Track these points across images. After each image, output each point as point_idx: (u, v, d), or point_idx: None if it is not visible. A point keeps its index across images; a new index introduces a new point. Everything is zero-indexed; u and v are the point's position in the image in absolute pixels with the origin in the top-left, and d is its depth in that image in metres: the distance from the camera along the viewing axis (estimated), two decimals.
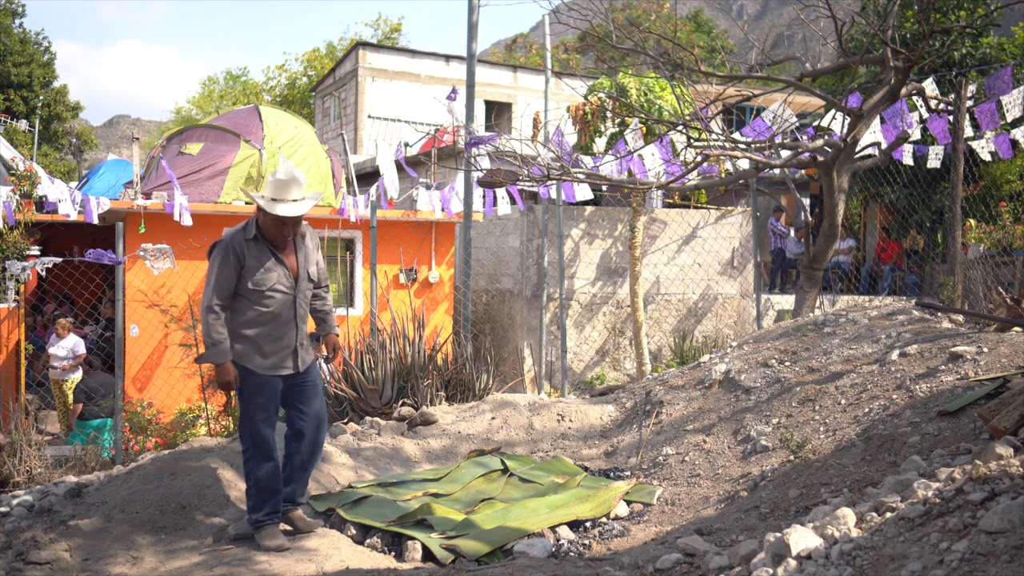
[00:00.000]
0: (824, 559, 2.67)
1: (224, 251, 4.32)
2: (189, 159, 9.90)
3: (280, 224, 4.35)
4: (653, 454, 5.57)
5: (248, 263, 4.33)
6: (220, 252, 4.34)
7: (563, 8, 9.12)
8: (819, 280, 7.97)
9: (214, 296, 4.28)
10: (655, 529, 4.43)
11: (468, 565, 3.97)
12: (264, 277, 4.36)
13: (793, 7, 7.60)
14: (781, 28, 41.54)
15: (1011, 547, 2.28)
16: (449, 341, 9.59)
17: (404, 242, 10.39)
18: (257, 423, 4.39)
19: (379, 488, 5.14)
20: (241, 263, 4.32)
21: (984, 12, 12.01)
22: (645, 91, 10.24)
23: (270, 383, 4.43)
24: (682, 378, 6.69)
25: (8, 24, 30.77)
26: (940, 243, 13.12)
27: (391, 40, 33.21)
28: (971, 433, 3.88)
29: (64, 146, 33.77)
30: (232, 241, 4.34)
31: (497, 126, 21.22)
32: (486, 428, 6.47)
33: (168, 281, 9.04)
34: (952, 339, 5.28)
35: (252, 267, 4.34)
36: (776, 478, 4.37)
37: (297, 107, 31.04)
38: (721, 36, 34.09)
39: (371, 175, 13.76)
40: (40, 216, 9.16)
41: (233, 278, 4.32)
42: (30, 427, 7.11)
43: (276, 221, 4.34)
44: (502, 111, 24.42)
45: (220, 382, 4.35)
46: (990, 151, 8.87)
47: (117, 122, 70.34)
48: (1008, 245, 10.79)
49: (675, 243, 11.98)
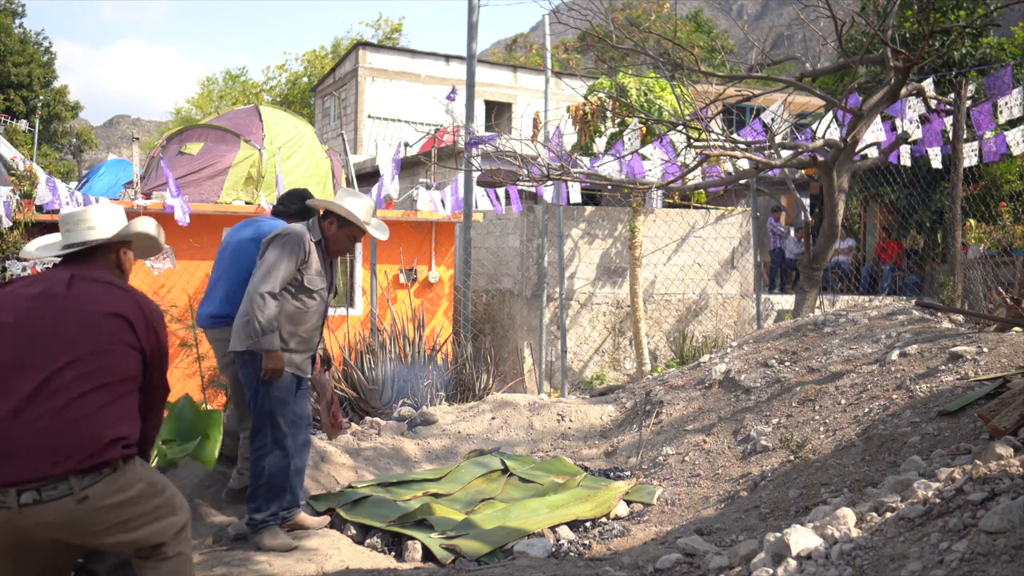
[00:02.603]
0: (824, 559, 2.67)
1: (295, 244, 4.37)
2: (189, 159, 9.90)
3: (352, 240, 4.52)
4: (653, 454, 5.57)
5: (311, 263, 4.44)
6: (289, 243, 4.37)
7: (563, 8, 9.12)
8: (819, 280, 7.97)
9: (273, 283, 4.31)
10: (655, 529, 4.43)
11: (468, 565, 3.97)
12: (316, 279, 4.47)
13: (793, 7, 7.60)
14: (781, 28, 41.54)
15: (1011, 547, 2.28)
16: (449, 341, 9.59)
17: (404, 242, 10.39)
18: (278, 418, 4.40)
19: (379, 488, 5.14)
20: (306, 261, 4.41)
21: (984, 12, 12.01)
22: (645, 91, 10.24)
23: (292, 382, 4.46)
24: (682, 378, 6.69)
25: (8, 24, 30.79)
26: (940, 243, 13.12)
27: (392, 40, 33.21)
28: (971, 433, 3.88)
29: (64, 146, 33.78)
30: (304, 238, 4.42)
31: (497, 126, 21.21)
32: (486, 428, 6.47)
33: (168, 281, 9.04)
34: (952, 339, 5.28)
35: (312, 268, 4.45)
36: (776, 478, 4.37)
37: (297, 107, 31.03)
38: (721, 36, 34.10)
39: (371, 175, 13.76)
40: (40, 216, 9.16)
41: (292, 272, 4.38)
42: None
43: (351, 238, 4.51)
44: (502, 111, 24.41)
45: (271, 369, 4.29)
46: (976, 154, 8.85)
47: (117, 122, 70.32)
48: (1008, 245, 10.79)
49: (675, 243, 11.99)
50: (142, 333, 2.69)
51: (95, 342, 2.59)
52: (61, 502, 2.43)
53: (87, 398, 2.52)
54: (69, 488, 2.44)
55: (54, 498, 2.42)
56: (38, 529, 2.46)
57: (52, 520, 2.44)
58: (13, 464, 2.41)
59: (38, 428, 2.45)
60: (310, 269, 4.43)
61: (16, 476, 2.40)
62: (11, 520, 2.43)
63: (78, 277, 2.71)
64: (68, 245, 2.81)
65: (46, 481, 2.42)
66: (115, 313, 2.65)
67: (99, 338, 2.60)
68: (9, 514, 2.42)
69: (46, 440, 2.44)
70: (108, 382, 2.58)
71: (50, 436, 2.45)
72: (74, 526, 2.49)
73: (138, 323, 2.68)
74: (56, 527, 2.47)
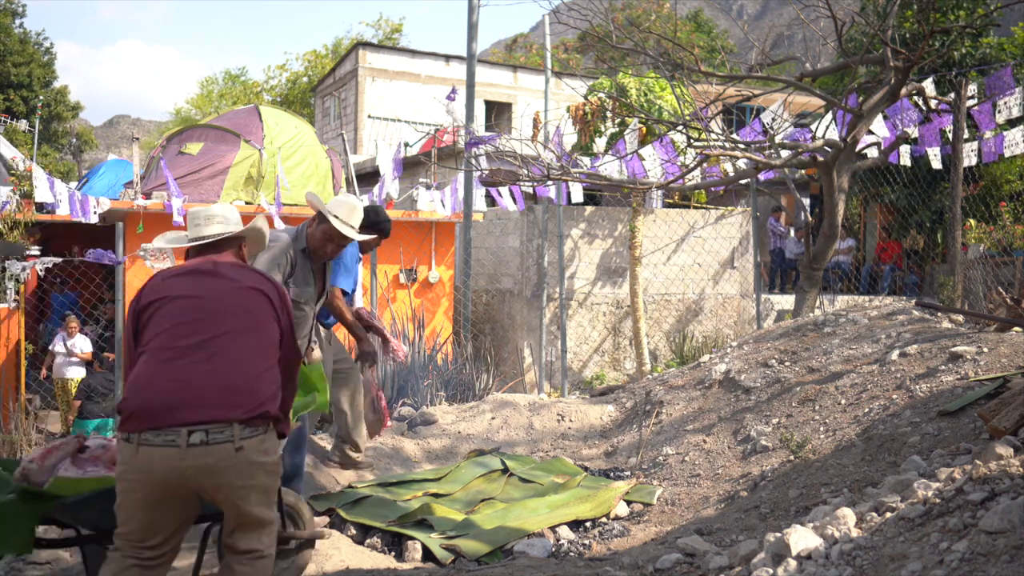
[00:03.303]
0: (824, 559, 2.67)
1: (279, 254, 4.26)
2: (189, 159, 9.90)
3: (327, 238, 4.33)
4: (653, 454, 5.57)
5: (296, 273, 4.34)
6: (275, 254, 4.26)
7: (563, 8, 9.12)
8: (819, 280, 7.97)
9: None
10: (655, 529, 4.43)
11: (468, 565, 3.97)
12: (303, 290, 4.38)
13: (793, 7, 7.60)
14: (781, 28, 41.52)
15: (1011, 547, 2.28)
16: (449, 341, 9.59)
17: (404, 242, 10.38)
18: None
19: (379, 488, 5.14)
20: (293, 270, 4.33)
21: (984, 12, 12.00)
22: (645, 91, 10.24)
23: None
24: (682, 378, 6.69)
25: (8, 24, 30.78)
26: (940, 243, 13.11)
27: (392, 40, 33.20)
28: (971, 433, 3.88)
29: (64, 146, 33.78)
30: (288, 247, 4.31)
31: (497, 126, 21.20)
32: (486, 428, 6.47)
33: None
34: (952, 339, 5.28)
35: (299, 278, 4.35)
36: (776, 478, 4.37)
37: (297, 107, 31.01)
38: (721, 36, 34.08)
39: (371, 175, 13.75)
40: (40, 216, 9.16)
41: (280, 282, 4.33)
42: (30, 427, 7.11)
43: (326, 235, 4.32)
44: (502, 111, 24.40)
45: None
46: (976, 154, 8.86)
47: (117, 122, 70.29)
48: (1008, 245, 10.79)
49: (675, 243, 11.98)
50: (279, 308, 3.02)
51: (252, 313, 2.94)
52: (222, 447, 2.69)
53: (252, 361, 2.85)
54: (232, 435, 2.71)
55: (218, 441, 2.69)
56: (192, 474, 2.68)
57: (211, 463, 2.68)
58: (188, 409, 2.69)
59: (213, 381, 2.75)
60: (297, 281, 4.33)
61: (189, 418, 2.68)
62: (173, 461, 2.66)
63: (220, 262, 3.06)
64: (199, 237, 3.12)
65: (214, 424, 2.69)
66: (260, 290, 3.00)
67: (255, 310, 2.95)
68: (175, 453, 2.65)
69: (218, 391, 2.74)
70: (264, 348, 2.92)
71: (222, 388, 2.75)
72: (224, 474, 2.72)
73: (275, 300, 3.02)
74: (209, 472, 2.69)
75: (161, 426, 2.66)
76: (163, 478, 2.67)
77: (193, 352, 2.79)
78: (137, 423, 2.68)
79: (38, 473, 3.06)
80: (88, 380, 9.16)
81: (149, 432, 2.66)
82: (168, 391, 2.71)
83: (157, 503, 2.72)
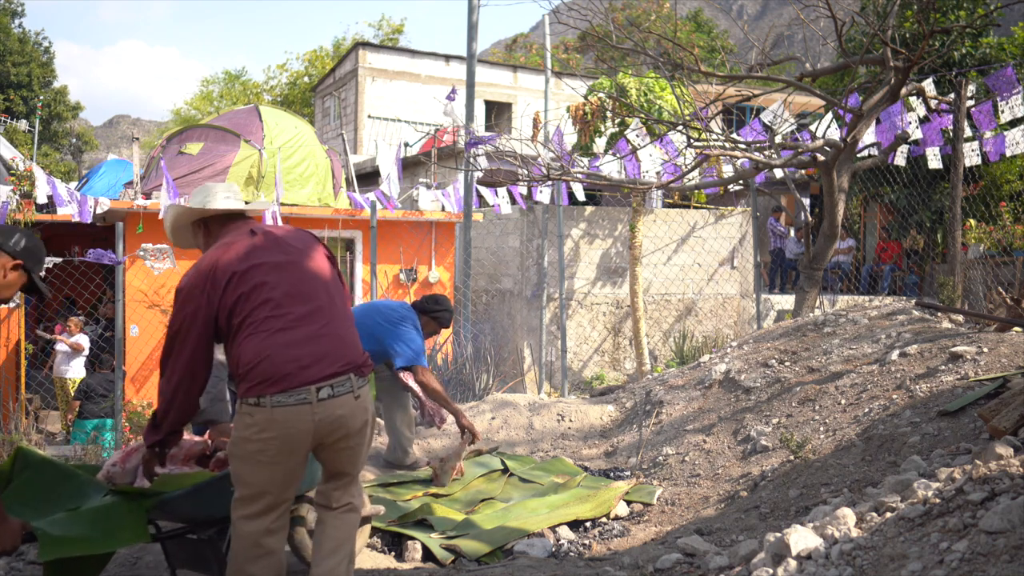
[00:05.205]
0: (824, 559, 2.67)
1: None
2: (189, 159, 9.90)
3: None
4: (653, 454, 5.57)
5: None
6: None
7: (563, 8, 9.13)
8: (819, 280, 7.97)
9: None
10: (655, 529, 4.43)
11: (468, 565, 3.97)
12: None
13: (793, 7, 7.60)
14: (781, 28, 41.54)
15: (1011, 547, 2.27)
16: (449, 341, 9.59)
17: (404, 242, 10.39)
18: None
19: (379, 488, 5.14)
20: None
21: (984, 12, 12.00)
22: (645, 91, 10.24)
23: None
24: (682, 378, 6.69)
25: (8, 24, 30.80)
26: (940, 243, 13.11)
27: (393, 41, 33.20)
28: (971, 433, 3.88)
29: (64, 146, 33.79)
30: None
31: (497, 126, 21.21)
32: (486, 428, 6.46)
33: (168, 281, 9.03)
34: (952, 339, 5.28)
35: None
36: (776, 478, 4.37)
37: (297, 107, 31.01)
38: (721, 36, 34.08)
39: (371, 175, 13.75)
40: (40, 216, 9.16)
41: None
42: (30, 427, 7.11)
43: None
44: (502, 111, 24.41)
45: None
46: (978, 154, 8.85)
47: (117, 122, 70.32)
48: (1008, 245, 10.78)
49: (675, 243, 11.98)
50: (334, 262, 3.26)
51: (331, 273, 3.15)
52: (345, 397, 2.93)
53: (345, 315, 3.10)
54: (351, 385, 2.95)
55: (341, 393, 2.92)
56: (324, 427, 2.89)
57: (339, 414, 2.90)
58: (311, 369, 2.90)
59: (329, 341, 2.97)
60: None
61: (315, 375, 2.89)
62: (306, 417, 2.86)
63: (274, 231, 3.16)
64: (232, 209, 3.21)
65: (336, 378, 2.92)
66: (325, 249, 3.22)
67: (332, 270, 3.17)
68: (307, 410, 2.86)
69: (334, 347, 2.96)
70: (345, 301, 3.17)
71: (336, 345, 2.97)
72: (345, 423, 2.93)
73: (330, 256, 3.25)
74: (338, 423, 2.91)
75: (291, 387, 2.85)
76: (297, 432, 2.85)
77: (309, 318, 2.98)
78: (270, 386, 2.85)
79: (122, 475, 3.26)
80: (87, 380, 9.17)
81: (281, 394, 2.84)
82: (295, 357, 2.89)
83: (289, 457, 2.88)
